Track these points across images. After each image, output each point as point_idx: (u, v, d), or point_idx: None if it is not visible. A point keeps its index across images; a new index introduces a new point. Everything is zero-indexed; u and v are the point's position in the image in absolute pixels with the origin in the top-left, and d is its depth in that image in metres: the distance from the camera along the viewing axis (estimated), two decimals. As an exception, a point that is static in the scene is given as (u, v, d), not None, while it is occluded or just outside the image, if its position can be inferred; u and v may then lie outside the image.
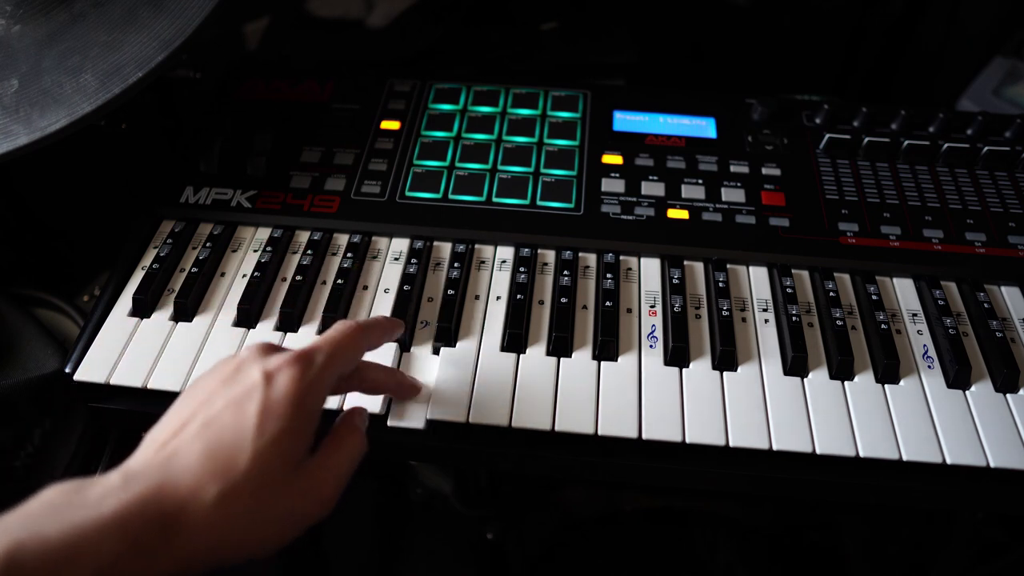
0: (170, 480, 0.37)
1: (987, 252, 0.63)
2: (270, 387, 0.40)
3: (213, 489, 0.37)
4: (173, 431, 0.40)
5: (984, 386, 0.55)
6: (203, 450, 0.38)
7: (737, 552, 0.93)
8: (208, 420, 0.39)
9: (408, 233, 0.64)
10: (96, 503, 0.35)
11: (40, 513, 0.34)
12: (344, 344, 0.45)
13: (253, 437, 0.39)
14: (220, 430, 0.39)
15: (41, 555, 0.32)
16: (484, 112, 0.73)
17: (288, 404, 0.40)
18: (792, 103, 0.75)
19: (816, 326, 0.59)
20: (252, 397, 0.40)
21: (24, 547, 0.32)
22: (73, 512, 0.34)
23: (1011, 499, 0.52)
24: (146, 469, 0.37)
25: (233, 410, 0.39)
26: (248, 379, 0.41)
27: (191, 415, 0.40)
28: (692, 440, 0.51)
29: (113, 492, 0.35)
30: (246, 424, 0.39)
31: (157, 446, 0.39)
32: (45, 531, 0.33)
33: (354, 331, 0.47)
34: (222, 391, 0.41)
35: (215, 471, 0.37)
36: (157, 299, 0.60)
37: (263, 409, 0.39)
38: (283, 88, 0.76)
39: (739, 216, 0.64)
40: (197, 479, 0.37)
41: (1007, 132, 0.71)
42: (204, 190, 0.66)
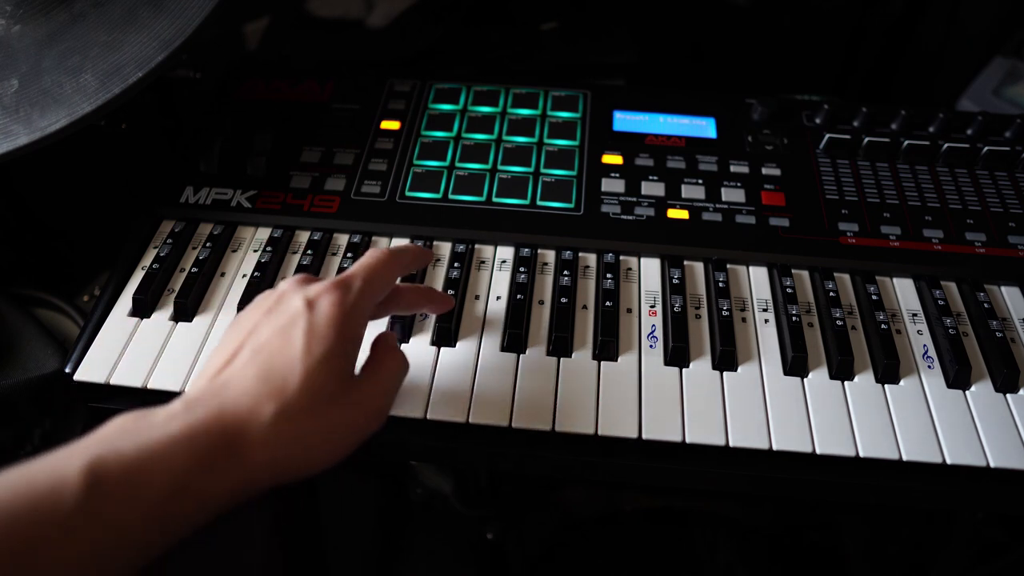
0: (229, 403, 0.39)
1: (987, 252, 0.62)
2: (312, 312, 0.43)
3: (270, 408, 0.39)
4: (224, 361, 0.42)
5: (984, 386, 0.55)
6: (256, 374, 0.40)
7: (737, 552, 0.93)
8: (257, 347, 0.42)
9: (408, 233, 0.64)
10: (163, 425, 0.37)
11: (112, 435, 0.37)
12: (378, 269, 0.48)
13: (302, 358, 0.41)
14: (270, 355, 0.41)
15: (120, 468, 0.35)
16: (484, 112, 0.73)
17: (331, 326, 0.42)
18: (792, 103, 0.75)
19: (816, 326, 0.59)
20: (296, 323, 0.42)
21: (105, 460, 0.35)
22: (143, 433, 0.37)
23: (1011, 499, 0.52)
24: (204, 396, 0.40)
25: (280, 336, 0.42)
26: (291, 307, 0.43)
27: (239, 345, 0.43)
28: (692, 440, 0.51)
29: (177, 416, 0.38)
30: (294, 347, 0.41)
31: (210, 375, 0.42)
32: (120, 447, 0.36)
33: (387, 256, 0.49)
34: (267, 320, 0.43)
35: (270, 392, 0.40)
36: (157, 299, 0.60)
37: (308, 332, 0.42)
38: (283, 88, 0.76)
39: (739, 216, 0.64)
40: (254, 400, 0.39)
41: (1007, 132, 0.71)
42: (204, 190, 0.66)
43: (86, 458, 0.34)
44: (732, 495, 0.94)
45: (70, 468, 0.34)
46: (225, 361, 0.42)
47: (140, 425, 0.37)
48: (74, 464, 0.34)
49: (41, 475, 0.34)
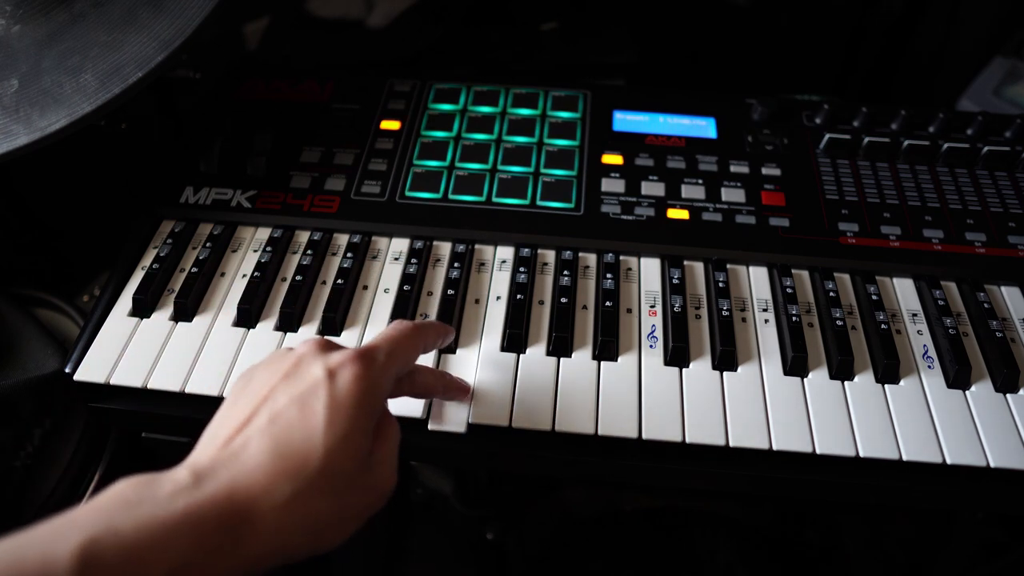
0: (241, 479, 0.36)
1: (987, 252, 0.62)
2: (334, 384, 0.40)
3: (287, 488, 0.37)
4: (236, 427, 0.39)
5: (984, 386, 0.55)
6: (272, 448, 0.37)
7: (737, 552, 0.93)
8: (274, 416, 0.39)
9: (408, 233, 0.64)
10: (167, 501, 0.34)
11: (112, 508, 0.34)
12: (403, 344, 0.45)
13: (324, 435, 0.38)
14: (288, 427, 0.38)
15: (116, 551, 0.32)
16: (484, 112, 0.73)
17: (353, 401, 0.40)
18: (792, 103, 0.75)
19: (816, 326, 0.59)
20: (317, 394, 0.39)
21: (100, 542, 0.32)
22: (145, 509, 0.34)
23: (1011, 499, 0.52)
24: (215, 467, 0.37)
25: (299, 407, 0.39)
26: (310, 375, 0.40)
27: (254, 411, 0.39)
28: (692, 440, 0.51)
29: (184, 490, 0.35)
30: (315, 422, 0.38)
31: (222, 442, 0.39)
32: (119, 527, 0.33)
33: (412, 331, 0.47)
34: (284, 387, 0.40)
35: (287, 470, 0.37)
36: (157, 299, 0.60)
37: (330, 406, 0.39)
38: (283, 88, 0.76)
39: (739, 216, 0.64)
40: (269, 478, 0.37)
41: (1007, 132, 0.71)
42: (204, 190, 0.66)
43: (80, 539, 0.32)
44: (732, 495, 0.94)
45: (62, 550, 0.31)
46: (237, 428, 0.39)
47: (143, 497, 0.34)
48: (67, 545, 0.31)
49: (31, 554, 0.31)
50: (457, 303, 0.59)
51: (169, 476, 0.36)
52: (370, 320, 0.58)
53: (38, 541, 0.32)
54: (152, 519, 0.33)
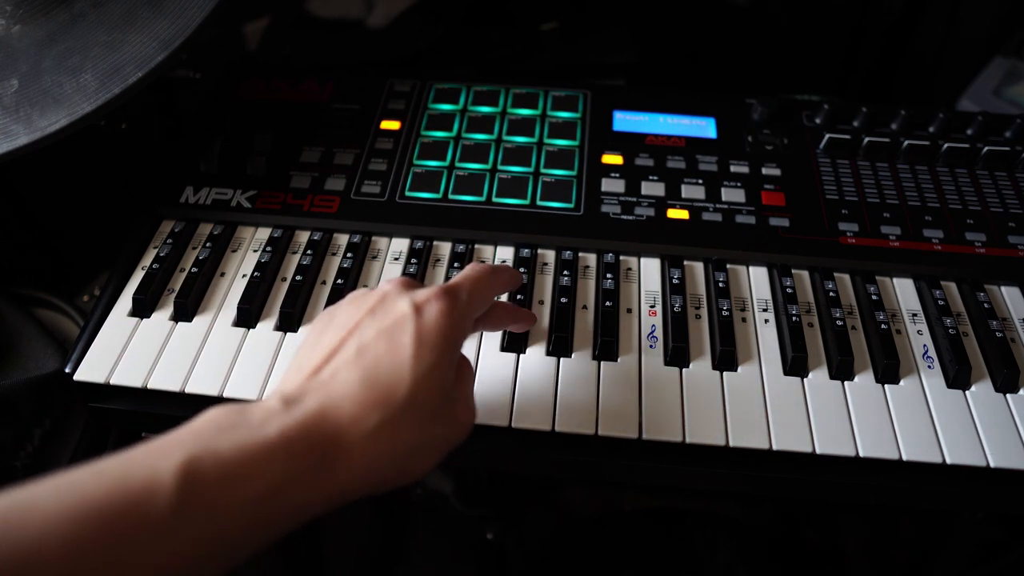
0: (331, 406, 0.37)
1: (987, 252, 0.62)
2: (420, 318, 0.41)
3: (375, 417, 0.37)
4: (323, 357, 0.40)
5: (984, 386, 0.55)
6: (361, 378, 0.38)
7: (737, 552, 0.93)
8: (362, 347, 0.40)
9: (408, 233, 0.64)
10: (260, 424, 0.36)
11: (208, 431, 0.35)
12: (483, 283, 0.46)
13: (411, 367, 0.39)
14: (376, 358, 0.39)
15: (216, 469, 0.33)
16: (484, 112, 0.73)
17: (440, 335, 0.41)
18: (792, 103, 0.75)
19: (816, 326, 0.59)
20: (404, 328, 0.40)
21: (201, 460, 0.33)
22: (239, 432, 0.35)
23: (1011, 499, 0.52)
24: (304, 394, 0.38)
25: (387, 339, 0.40)
26: (397, 310, 0.41)
27: (340, 342, 0.40)
28: (692, 440, 0.51)
29: (276, 415, 0.36)
30: (403, 354, 0.39)
31: (310, 371, 0.40)
32: (217, 447, 0.34)
33: (490, 272, 0.48)
34: (370, 320, 0.41)
35: (376, 399, 0.38)
36: (157, 299, 0.60)
37: (417, 339, 0.40)
38: (283, 88, 0.76)
39: (739, 216, 0.64)
40: (358, 406, 0.37)
41: (1007, 132, 0.71)
42: (204, 190, 0.66)
43: (182, 457, 0.33)
44: (732, 495, 0.94)
45: (165, 467, 0.32)
46: (324, 358, 0.40)
47: (236, 421, 0.36)
48: (170, 462, 0.33)
49: (136, 471, 0.32)
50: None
51: (259, 404, 0.37)
52: (370, 320, 0.58)
53: (141, 462, 0.33)
54: (248, 440, 0.35)
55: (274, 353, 0.56)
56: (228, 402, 0.53)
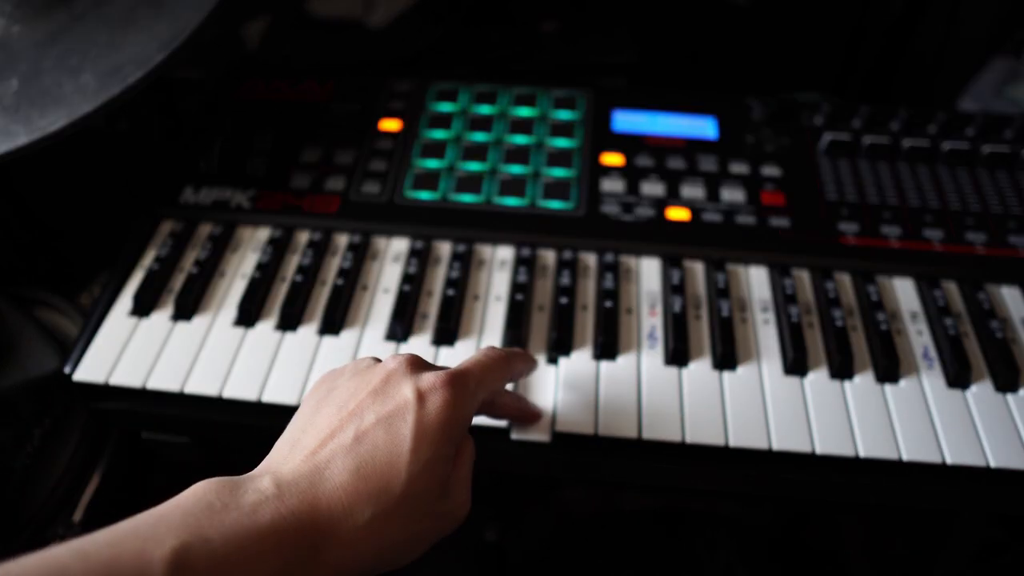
0: (324, 496, 0.37)
1: (987, 252, 0.62)
2: (423, 408, 0.40)
3: (367, 511, 0.37)
4: (320, 439, 0.39)
5: (984, 386, 0.55)
6: (356, 468, 0.38)
7: (737, 552, 0.93)
8: (359, 435, 0.39)
9: (408, 233, 0.64)
10: (252, 510, 0.35)
11: (199, 513, 0.34)
12: (494, 371, 0.45)
13: (408, 461, 0.38)
14: (373, 448, 0.38)
15: (206, 560, 0.33)
16: (484, 112, 0.73)
17: (440, 429, 0.40)
18: (792, 103, 0.75)
19: (816, 326, 0.59)
20: (405, 417, 0.39)
21: (191, 549, 0.32)
22: (231, 516, 0.34)
23: (1011, 499, 0.52)
24: (297, 480, 0.37)
25: (385, 428, 0.39)
26: (400, 396, 0.40)
27: (340, 425, 0.40)
28: (692, 441, 0.51)
29: (268, 500, 0.36)
30: (401, 447, 0.39)
31: (306, 453, 0.39)
32: (208, 535, 0.33)
33: (503, 359, 0.46)
34: (371, 404, 0.40)
35: (369, 493, 0.37)
36: (157, 299, 0.60)
37: (417, 432, 0.39)
38: (283, 88, 0.76)
39: (739, 216, 0.64)
40: (351, 498, 0.37)
41: (1008, 132, 0.71)
42: (204, 190, 0.66)
43: (172, 545, 0.32)
44: (732, 495, 0.94)
45: (156, 555, 0.32)
46: (321, 441, 0.39)
47: (228, 504, 0.35)
48: (160, 551, 0.32)
49: (125, 559, 0.32)
50: (457, 303, 0.59)
51: (252, 484, 0.37)
52: (369, 320, 0.58)
53: (129, 543, 0.32)
54: (239, 528, 0.34)
55: (274, 352, 0.56)
56: (228, 403, 0.54)
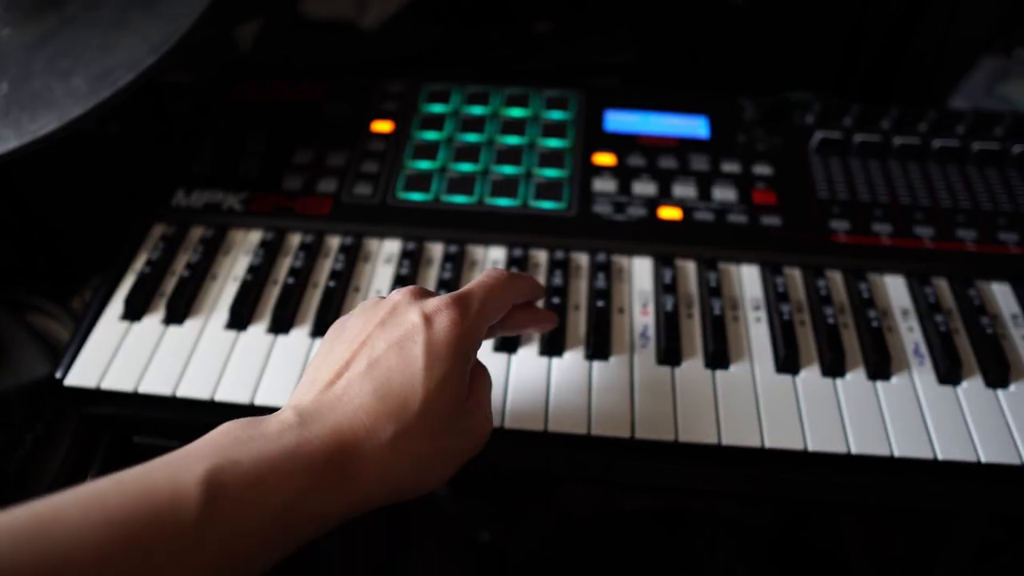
0: (345, 419, 0.38)
1: (978, 249, 0.62)
2: (431, 329, 0.41)
3: (389, 429, 0.38)
4: (335, 371, 0.40)
5: (975, 382, 0.55)
6: (374, 390, 0.39)
7: (737, 552, 0.93)
8: (373, 361, 0.40)
9: (400, 235, 0.64)
10: (277, 436, 0.36)
11: (227, 443, 0.36)
12: (496, 291, 0.45)
13: (423, 379, 0.39)
14: (388, 371, 0.40)
15: (238, 481, 0.34)
16: (476, 113, 0.73)
17: (450, 346, 0.41)
18: (784, 102, 0.75)
19: (808, 324, 0.59)
20: (415, 339, 0.40)
21: (223, 471, 0.33)
22: (257, 444, 0.36)
23: (1008, 499, 0.52)
24: (319, 408, 0.39)
25: (398, 351, 0.40)
26: (407, 321, 0.41)
27: (352, 355, 0.41)
28: (684, 439, 0.51)
29: (291, 428, 0.37)
30: (414, 365, 0.40)
31: (322, 386, 0.40)
32: (237, 458, 0.34)
33: (506, 279, 0.47)
34: (381, 332, 0.41)
35: (389, 411, 0.38)
36: (148, 302, 0.60)
37: (428, 351, 0.40)
38: (276, 90, 0.76)
39: (731, 215, 0.64)
40: (372, 418, 0.38)
41: (997, 129, 0.71)
42: (196, 193, 0.66)
43: (204, 468, 0.33)
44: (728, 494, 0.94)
45: (188, 479, 0.33)
46: (336, 372, 0.40)
47: (252, 434, 0.36)
48: (192, 474, 0.33)
49: (159, 483, 0.33)
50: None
51: (274, 416, 0.38)
52: (362, 321, 0.58)
53: (162, 471, 0.33)
54: (266, 452, 0.35)
55: (266, 355, 0.56)
56: (220, 406, 0.54)
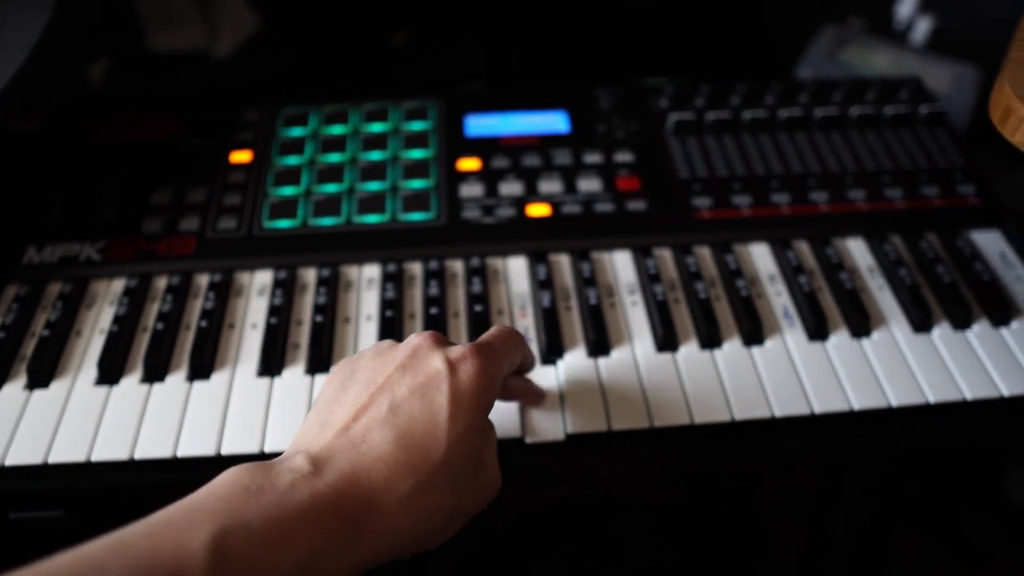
0: (363, 469, 0.36)
1: (831, 209, 0.66)
2: (455, 377, 0.39)
3: (409, 481, 0.36)
4: (352, 414, 0.38)
5: (841, 335, 0.58)
6: (396, 438, 0.37)
7: (656, 534, 0.95)
8: (395, 406, 0.38)
9: (270, 264, 0.62)
10: (289, 489, 0.34)
11: (235, 497, 0.33)
12: (510, 345, 0.45)
13: (447, 429, 0.38)
14: (411, 419, 0.38)
15: (248, 542, 0.32)
16: (336, 132, 0.72)
17: (474, 396, 0.39)
18: (638, 88, 0.77)
19: (682, 301, 0.60)
20: (439, 387, 0.39)
21: (231, 533, 0.31)
22: (268, 498, 0.33)
23: (882, 438, 0.54)
24: (333, 455, 0.36)
25: (420, 399, 0.38)
26: (431, 367, 0.40)
27: (371, 399, 0.39)
28: (573, 431, 0.52)
29: (305, 478, 0.35)
30: (439, 415, 0.38)
31: (337, 430, 0.38)
32: (247, 517, 0.32)
33: (518, 336, 0.46)
34: (402, 377, 0.39)
35: (409, 463, 0.36)
36: (7, 369, 0.56)
37: (453, 400, 0.38)
38: (128, 128, 0.73)
39: (598, 205, 0.66)
40: (392, 470, 0.36)
41: (836, 95, 0.75)
42: (49, 247, 0.63)
43: (211, 530, 0.31)
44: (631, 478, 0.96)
45: (196, 544, 0.31)
46: (353, 415, 0.38)
47: (263, 485, 0.34)
48: (199, 538, 0.31)
49: (164, 548, 0.31)
50: (327, 328, 0.58)
51: (286, 464, 0.36)
52: (239, 358, 0.57)
53: (166, 533, 0.32)
54: (278, 509, 0.33)
55: (142, 407, 0.54)
56: (97, 466, 0.51)
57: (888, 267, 0.62)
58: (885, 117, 0.73)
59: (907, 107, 0.74)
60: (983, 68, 0.89)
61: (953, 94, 0.87)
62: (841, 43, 0.96)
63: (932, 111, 0.74)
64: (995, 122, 0.53)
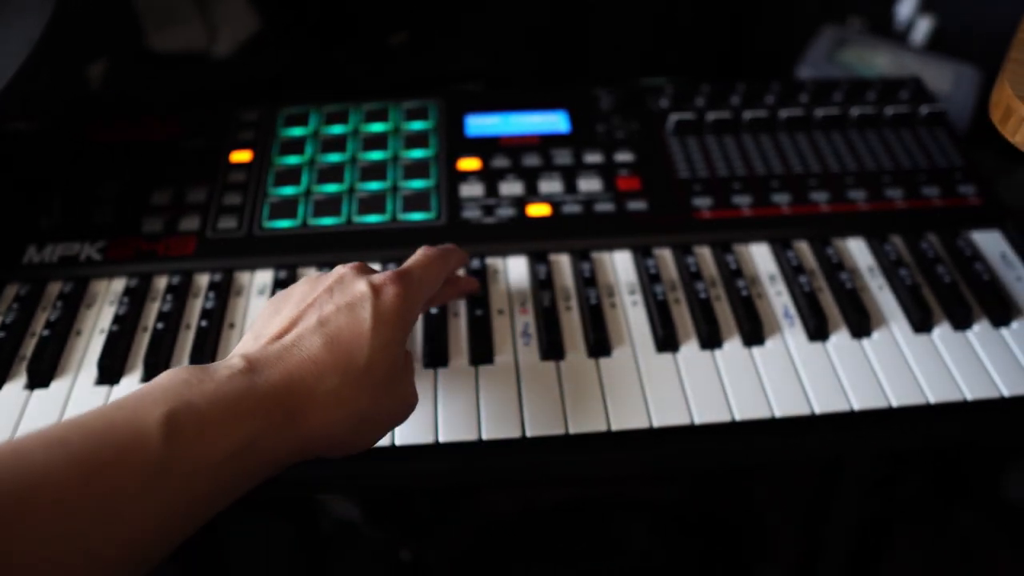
0: (295, 367, 0.40)
1: (831, 210, 0.66)
2: (378, 299, 0.44)
3: (336, 379, 0.41)
4: (283, 327, 0.43)
5: (841, 335, 0.58)
6: (323, 344, 0.41)
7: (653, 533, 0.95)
8: (323, 319, 0.43)
9: (271, 264, 0.63)
10: (227, 380, 0.38)
11: (178, 387, 0.37)
12: (432, 267, 0.50)
13: (370, 339, 0.42)
14: (338, 328, 0.42)
15: (194, 421, 0.35)
16: (336, 132, 0.72)
17: (395, 315, 0.44)
18: (638, 89, 0.77)
19: (682, 301, 0.60)
20: (363, 305, 0.44)
21: (180, 414, 0.35)
22: (209, 387, 0.37)
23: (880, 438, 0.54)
24: (267, 356, 0.40)
25: (347, 314, 0.43)
26: (356, 289, 0.45)
27: (300, 314, 0.44)
28: (575, 431, 0.52)
29: (242, 374, 0.39)
30: (363, 326, 0.43)
31: (271, 338, 0.42)
32: (192, 400, 0.36)
33: (438, 256, 0.52)
34: (329, 297, 0.44)
35: (336, 364, 0.41)
36: (8, 369, 0.56)
37: (375, 317, 0.43)
38: (127, 128, 0.73)
39: (598, 205, 0.66)
40: (321, 368, 0.40)
41: (836, 95, 0.75)
42: (49, 247, 0.63)
43: (163, 410, 0.35)
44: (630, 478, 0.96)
45: (149, 419, 0.34)
46: (285, 327, 0.43)
47: (203, 378, 0.38)
48: (152, 416, 0.34)
49: (120, 424, 0.34)
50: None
51: (223, 363, 0.40)
52: (240, 358, 0.57)
53: (121, 414, 0.35)
54: (218, 396, 0.37)
55: (142, 407, 0.54)
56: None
57: (888, 267, 0.62)
58: (885, 117, 0.73)
59: (907, 107, 0.74)
60: (983, 68, 0.89)
61: (953, 94, 0.87)
62: (841, 43, 0.96)
63: (932, 111, 0.74)
64: (995, 122, 0.53)
